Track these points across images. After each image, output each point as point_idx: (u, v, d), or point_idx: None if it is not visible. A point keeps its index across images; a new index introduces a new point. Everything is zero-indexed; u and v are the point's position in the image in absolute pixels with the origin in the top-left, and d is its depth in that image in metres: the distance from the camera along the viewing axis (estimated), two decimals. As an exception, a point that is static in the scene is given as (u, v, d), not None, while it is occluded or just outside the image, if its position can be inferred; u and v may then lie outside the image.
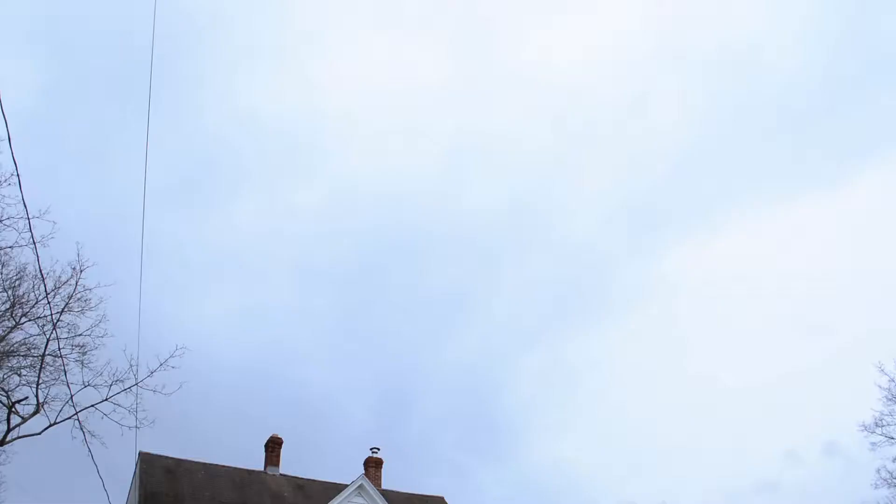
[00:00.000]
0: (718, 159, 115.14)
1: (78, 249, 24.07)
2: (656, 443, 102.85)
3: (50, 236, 22.35)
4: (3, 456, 28.25)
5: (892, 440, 38.11)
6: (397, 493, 33.50)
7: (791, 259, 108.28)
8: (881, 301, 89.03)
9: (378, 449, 34.73)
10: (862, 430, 38.45)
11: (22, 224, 22.75)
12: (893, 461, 39.97)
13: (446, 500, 34.93)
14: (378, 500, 27.25)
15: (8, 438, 26.15)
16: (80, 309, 25.40)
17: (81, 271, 24.90)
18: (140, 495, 26.86)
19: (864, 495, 78.49)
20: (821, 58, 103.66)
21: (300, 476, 32.62)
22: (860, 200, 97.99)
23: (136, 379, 24.27)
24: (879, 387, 39.10)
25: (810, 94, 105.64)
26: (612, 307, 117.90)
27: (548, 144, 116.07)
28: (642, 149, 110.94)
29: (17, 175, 11.84)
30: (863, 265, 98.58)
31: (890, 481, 40.09)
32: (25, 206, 13.16)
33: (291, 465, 34.93)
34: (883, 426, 38.40)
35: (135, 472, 28.80)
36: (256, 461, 32.90)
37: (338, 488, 29.82)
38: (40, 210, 21.99)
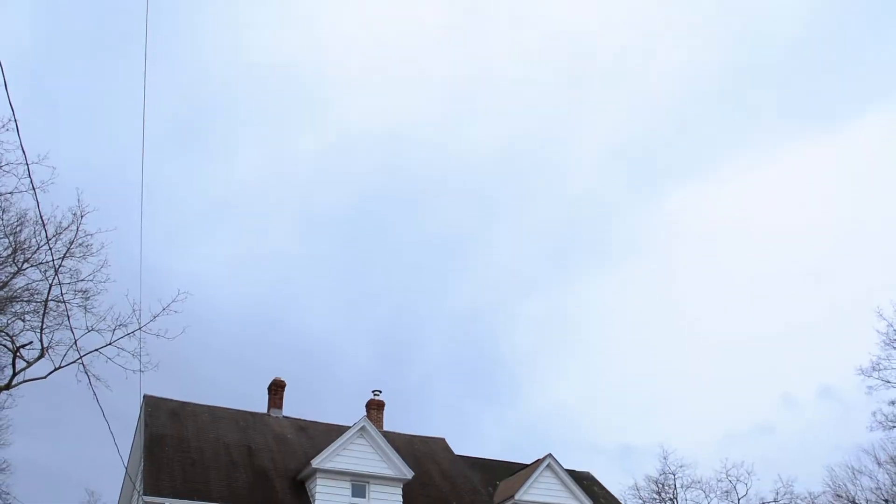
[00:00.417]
0: (719, 105, 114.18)
1: (78, 195, 24.07)
2: (654, 388, 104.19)
3: (50, 182, 22.34)
4: (10, 400, 28.70)
5: (889, 384, 38.54)
6: (399, 434, 34.02)
7: (790, 207, 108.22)
8: (880, 248, 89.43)
9: (380, 392, 35.19)
10: (859, 374, 39.00)
11: (21, 170, 22.72)
12: (889, 404, 40.59)
13: (447, 441, 35.49)
14: (380, 442, 27.66)
15: (14, 382, 26.49)
16: (81, 255, 25.51)
17: (82, 217, 24.93)
18: (146, 437, 27.31)
19: (858, 438, 79.64)
20: (825, 3, 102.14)
21: (303, 418, 33.12)
22: (862, 147, 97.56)
23: (139, 324, 24.45)
24: (878, 332, 39.51)
25: (812, 41, 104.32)
26: (611, 254, 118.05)
27: (548, 90, 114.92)
28: (643, 95, 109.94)
29: (15, 120, 11.74)
30: (862, 213, 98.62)
31: (885, 424, 40.71)
32: (24, 152, 13.07)
33: (294, 408, 35.40)
34: (880, 370, 38.83)
35: (140, 415, 29.22)
36: (259, 404, 33.35)
37: (340, 430, 30.26)
38: (39, 156, 21.92)
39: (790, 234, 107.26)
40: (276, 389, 33.22)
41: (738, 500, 59.47)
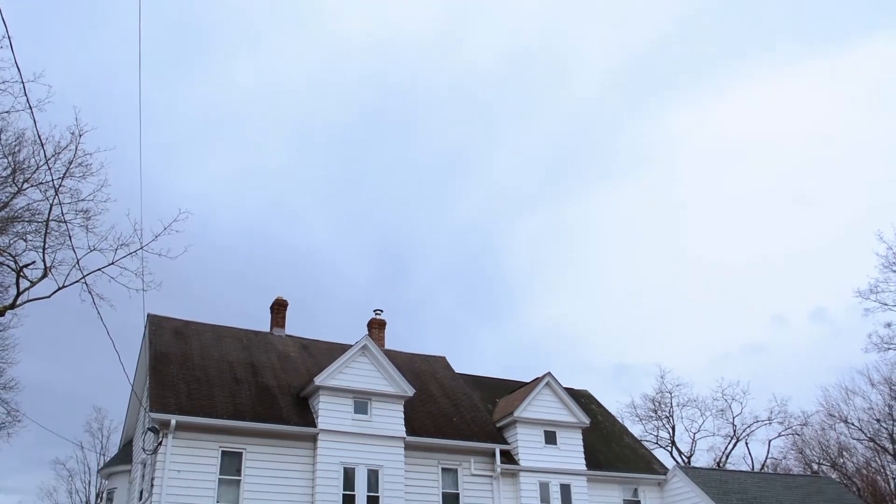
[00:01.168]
0: (723, 20, 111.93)
1: (76, 114, 23.80)
2: (649, 307, 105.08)
3: (47, 101, 22.09)
4: (15, 319, 28.98)
5: (886, 306, 38.79)
6: (400, 353, 34.49)
7: (789, 130, 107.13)
8: (879, 171, 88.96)
9: (381, 311, 35.54)
10: (857, 297, 39.25)
11: (17, 88, 22.46)
12: (885, 326, 40.97)
13: (448, 360, 36.01)
14: (381, 360, 28.05)
15: (18, 302, 26.71)
16: (81, 174, 25.40)
17: (80, 136, 24.73)
18: (150, 355, 27.69)
19: (849, 360, 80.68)
20: None
21: (305, 337, 33.52)
22: (865, 69, 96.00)
23: (140, 243, 24.50)
24: (877, 254, 39.61)
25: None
26: (611, 172, 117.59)
27: (549, 1, 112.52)
28: (645, 11, 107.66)
29: (9, 37, 11.55)
30: (862, 136, 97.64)
31: (881, 346, 41.15)
32: (19, 69, 12.88)
33: (296, 327, 35.83)
34: (878, 293, 39.05)
35: (144, 334, 29.56)
36: (262, 324, 33.72)
37: (342, 348, 30.67)
38: (35, 74, 21.63)
39: (788, 156, 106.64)
40: (279, 309, 33.53)
41: (733, 418, 60.72)
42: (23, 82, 14.76)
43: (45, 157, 24.49)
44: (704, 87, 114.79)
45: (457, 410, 31.11)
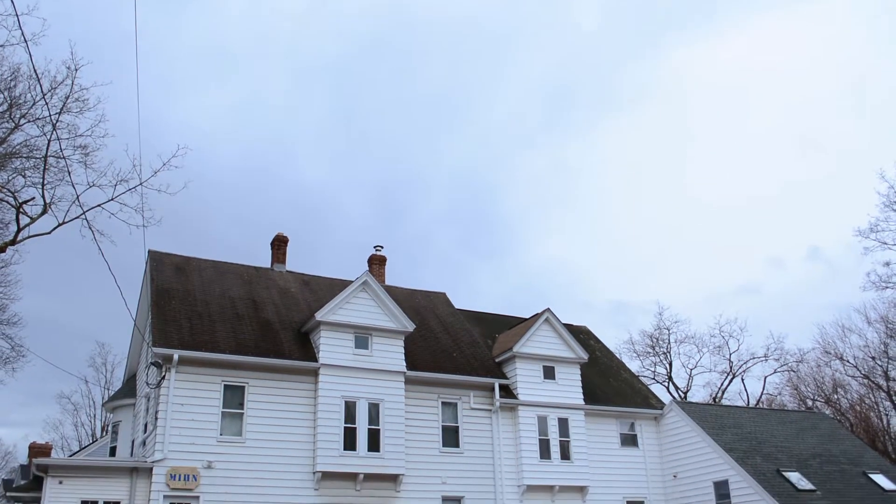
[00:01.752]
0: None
1: (71, 47, 23.51)
2: (646, 246, 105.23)
3: (41, 34, 21.77)
4: (17, 256, 29.04)
5: (886, 245, 38.86)
6: (400, 289, 34.67)
7: (789, 69, 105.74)
8: (880, 111, 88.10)
9: (381, 247, 35.64)
10: (856, 235, 39.27)
11: (11, 21, 22.11)
12: (884, 266, 41.09)
13: (448, 296, 36.21)
14: (382, 296, 28.22)
15: (18, 238, 26.75)
16: (78, 109, 25.20)
17: (76, 70, 24.45)
18: (152, 291, 27.84)
19: (844, 299, 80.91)
20: None
21: (306, 273, 33.65)
22: (867, 6, 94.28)
23: (140, 179, 24.43)
24: (878, 193, 39.53)
25: None
26: (616, 107, 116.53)
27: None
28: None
29: (0, -31, 11.35)
30: (863, 78, 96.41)
31: (878, 284, 41.33)
32: (13, 2, 12.67)
33: (297, 263, 35.94)
34: (877, 231, 39.08)
35: (145, 270, 29.69)
36: (263, 260, 33.83)
37: (343, 284, 30.83)
38: (29, 6, 21.29)
39: (788, 96, 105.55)
40: (279, 245, 33.61)
41: (730, 355, 61.36)
42: (17, 15, 14.57)
43: (42, 91, 24.26)
44: (707, 22, 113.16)
45: (456, 346, 31.42)
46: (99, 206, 25.25)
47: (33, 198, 26.34)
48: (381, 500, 26.45)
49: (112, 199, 25.41)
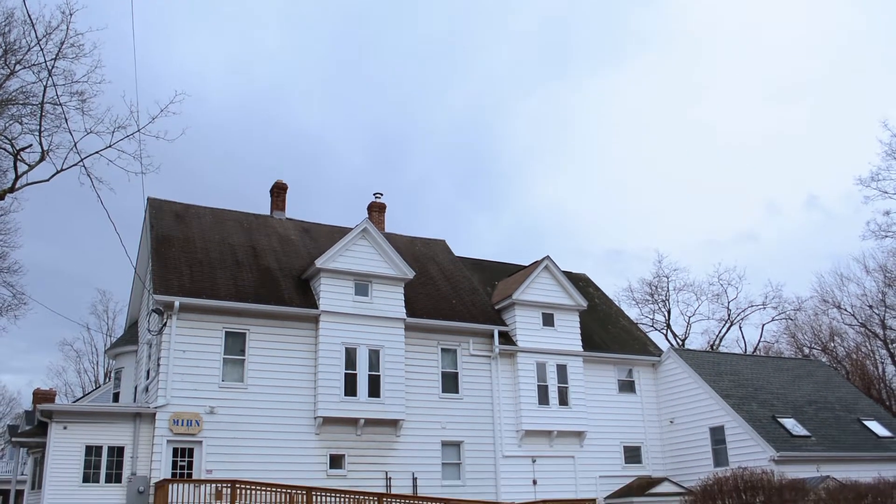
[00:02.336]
0: None
1: (65, -9, 23.18)
2: (644, 193, 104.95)
3: (34, -23, 21.45)
4: (16, 203, 28.99)
5: (886, 194, 38.76)
6: (400, 236, 34.68)
7: (791, 13, 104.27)
8: (880, 59, 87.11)
9: (381, 194, 35.55)
10: (857, 184, 39.21)
11: (2, -36, 21.75)
12: (884, 214, 41.07)
13: (447, 243, 36.23)
14: (381, 243, 28.23)
15: (17, 186, 26.68)
16: (73, 55, 24.94)
17: (71, 15, 24.15)
18: (152, 238, 27.85)
19: (841, 247, 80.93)
20: None
21: (305, 220, 33.63)
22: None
23: (137, 125, 24.27)
24: (880, 141, 39.31)
25: None
26: (618, 54, 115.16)
27: None
28: None
29: None
30: (866, 24, 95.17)
31: (878, 233, 41.36)
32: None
33: (296, 211, 35.89)
34: (878, 180, 38.96)
35: (144, 217, 29.66)
36: (262, 207, 33.75)
37: (342, 231, 30.83)
38: (19, -50, 20.90)
39: (789, 41, 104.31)
40: (279, 192, 33.52)
41: (728, 302, 61.65)
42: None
43: (37, 37, 24.00)
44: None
45: (456, 293, 31.55)
46: (97, 152, 25.15)
47: (31, 145, 26.21)
48: (381, 445, 26.81)
49: (110, 146, 25.30)
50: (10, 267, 33.42)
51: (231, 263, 27.98)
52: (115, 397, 30.74)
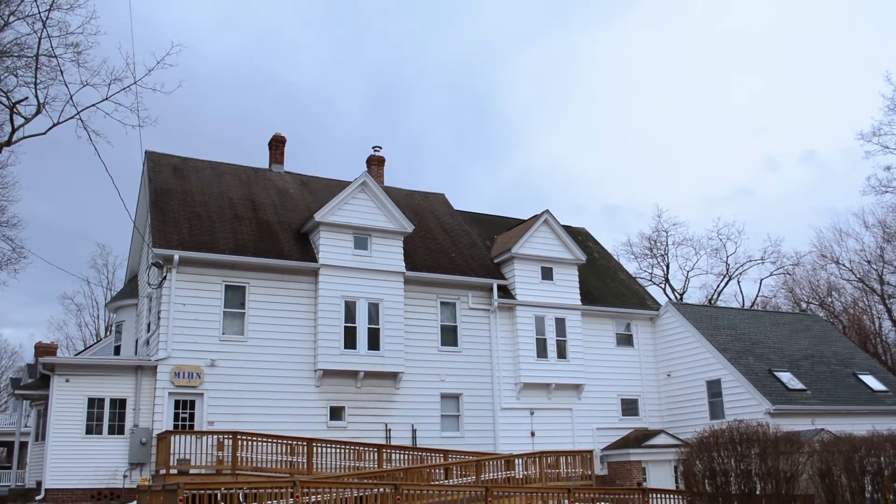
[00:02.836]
0: None
1: (57, -61, 22.78)
2: (645, 148, 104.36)
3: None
4: (13, 157, 28.85)
5: (888, 149, 38.56)
6: (399, 189, 34.58)
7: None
8: (883, 12, 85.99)
9: (380, 148, 35.36)
10: (858, 139, 39.01)
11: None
12: (885, 170, 40.90)
13: (447, 197, 36.14)
14: (381, 196, 28.16)
15: (14, 139, 26.54)
16: (68, 6, 24.63)
17: (65, -36, 23.78)
18: (150, 192, 27.76)
19: (838, 203, 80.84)
20: None
21: (304, 174, 33.49)
22: None
23: (134, 77, 24.06)
24: (883, 96, 39.02)
25: None
26: (622, 5, 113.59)
27: None
28: None
29: None
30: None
31: (878, 189, 41.26)
32: None
33: (295, 164, 35.73)
34: (880, 135, 38.74)
35: (143, 171, 29.53)
36: (260, 160, 33.58)
37: (341, 185, 30.72)
38: None
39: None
40: (277, 145, 33.34)
41: (727, 257, 61.76)
42: None
43: (31, -14, 23.68)
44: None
45: (455, 246, 31.56)
46: (93, 105, 24.98)
47: (26, 97, 26.02)
48: (381, 397, 27.05)
49: (106, 99, 25.13)
50: (8, 221, 33.40)
51: (230, 217, 27.93)
52: (117, 350, 30.93)
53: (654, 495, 21.40)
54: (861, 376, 32.73)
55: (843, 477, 19.72)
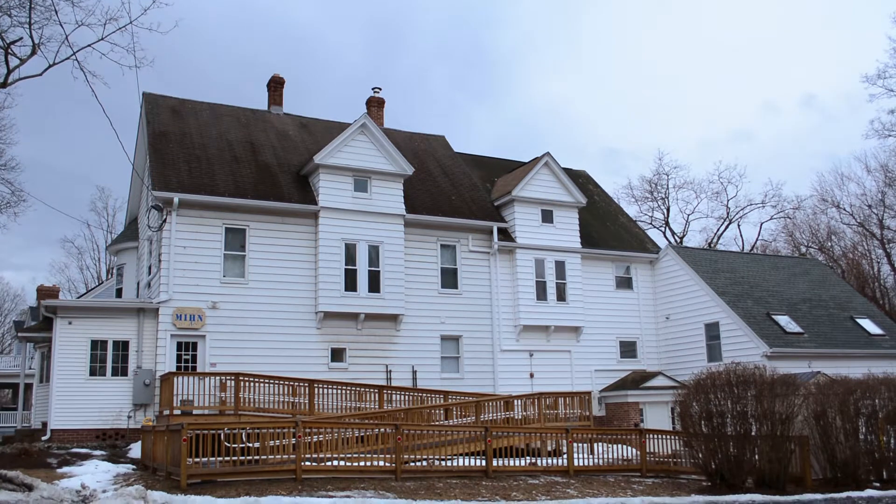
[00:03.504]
0: None
1: None
2: (644, 90, 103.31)
3: None
4: (9, 99, 28.59)
5: (892, 93, 38.17)
6: (399, 132, 34.35)
7: None
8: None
9: (379, 89, 35.00)
10: (863, 82, 38.53)
11: None
12: (889, 113, 40.53)
13: (447, 139, 35.92)
14: (380, 138, 27.98)
15: (9, 81, 26.22)
16: (60, -59, 24.08)
17: None
18: (148, 134, 27.59)
19: (838, 147, 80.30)
20: None
21: (303, 115, 33.23)
22: None
23: (129, 17, 23.65)
24: (889, 38, 38.42)
25: None
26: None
27: None
28: None
29: None
30: None
31: (882, 132, 40.95)
32: None
33: (294, 106, 35.41)
34: (885, 78, 38.29)
35: (140, 113, 29.29)
36: (258, 102, 33.26)
37: (341, 127, 30.52)
38: None
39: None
40: (276, 86, 33.02)
41: (728, 201, 61.66)
42: None
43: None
44: None
45: (455, 189, 31.47)
46: (89, 45, 24.55)
47: (21, 38, 25.59)
48: (381, 339, 27.26)
49: (102, 39, 24.67)
50: (6, 164, 33.27)
51: (229, 159, 27.79)
52: (118, 293, 31.07)
53: (651, 435, 21.69)
54: (858, 320, 32.94)
55: (838, 419, 19.95)
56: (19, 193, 33.32)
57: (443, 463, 19.16)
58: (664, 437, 21.98)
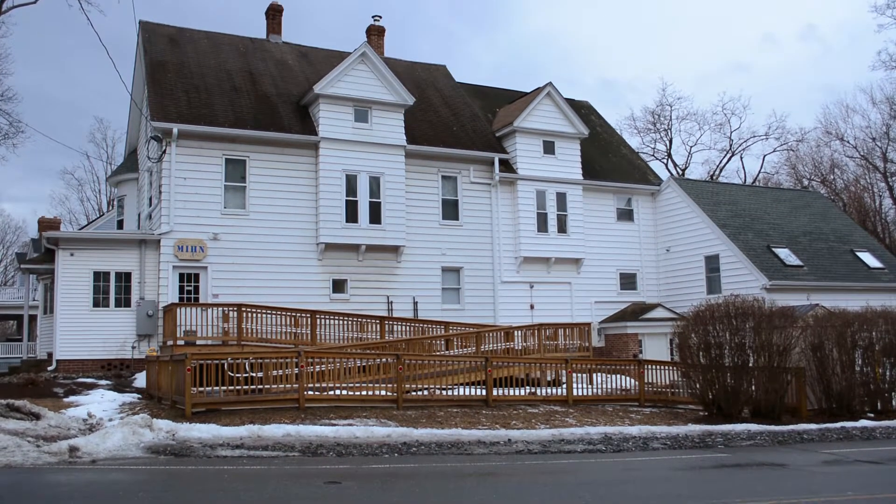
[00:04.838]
0: None
1: None
2: (643, 20, 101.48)
3: None
4: (3, 28, 28.14)
5: (901, 24, 37.47)
6: (400, 61, 33.87)
7: None
8: None
9: (380, 17, 34.40)
10: (871, 11, 37.82)
11: None
12: (896, 45, 39.82)
13: (448, 69, 35.44)
14: (381, 68, 27.60)
15: (3, 9, 25.82)
16: None
17: None
18: (146, 64, 27.21)
19: (838, 78, 79.08)
20: None
21: (303, 44, 32.74)
22: None
23: (124, -58, 23.13)
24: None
25: None
26: None
27: None
28: None
29: None
30: None
31: (889, 64, 40.35)
32: None
33: (293, 34, 34.81)
34: (894, 7, 37.57)
35: (137, 42, 28.85)
36: (257, 31, 32.71)
37: (341, 56, 30.08)
38: None
39: None
40: (274, 14, 32.46)
41: (731, 133, 61.21)
42: None
43: None
44: None
45: (457, 120, 31.19)
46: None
47: (14, -38, 25.16)
48: (382, 270, 27.36)
49: (96, -36, 24.25)
50: (3, 94, 32.92)
51: (228, 89, 27.47)
52: (120, 225, 31.08)
53: (650, 366, 21.96)
54: (858, 253, 33.00)
55: (835, 351, 20.15)
56: (17, 124, 33.13)
57: (444, 392, 19.45)
58: (662, 367, 22.26)
